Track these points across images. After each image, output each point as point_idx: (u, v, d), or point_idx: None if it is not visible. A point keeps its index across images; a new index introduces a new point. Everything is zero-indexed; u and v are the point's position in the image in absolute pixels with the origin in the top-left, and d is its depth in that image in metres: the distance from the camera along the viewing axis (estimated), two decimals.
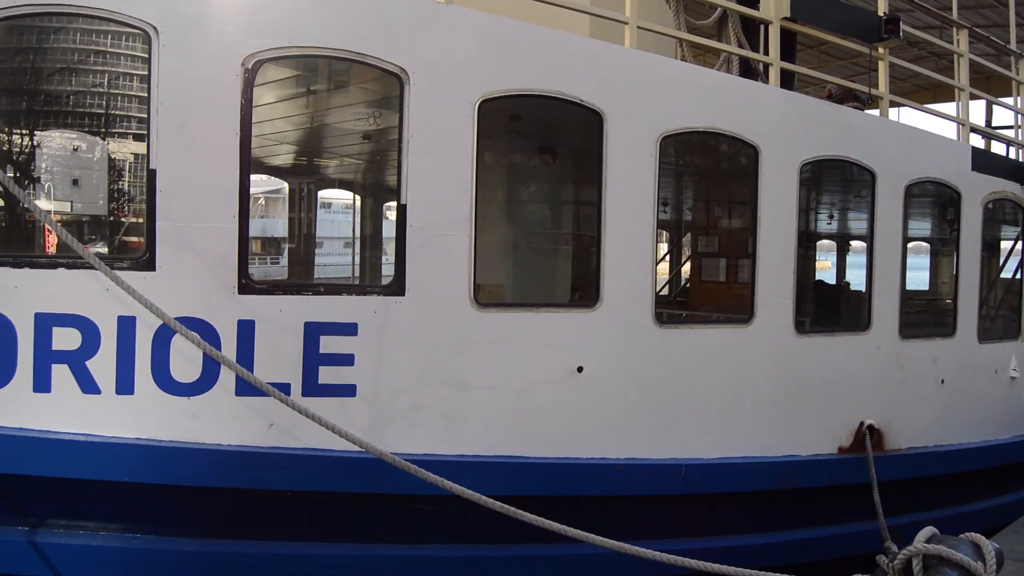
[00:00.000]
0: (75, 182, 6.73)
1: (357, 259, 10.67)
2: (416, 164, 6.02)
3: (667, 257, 15.04)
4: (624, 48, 7.16)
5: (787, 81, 8.48)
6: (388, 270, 7.66)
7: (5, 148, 6.14)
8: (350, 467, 5.75)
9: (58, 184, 6.73)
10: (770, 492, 7.44)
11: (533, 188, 10.26)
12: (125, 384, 5.57)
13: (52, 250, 6.83)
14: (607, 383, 6.75)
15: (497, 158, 8.65)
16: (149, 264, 5.55)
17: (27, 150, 6.40)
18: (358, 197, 11.12)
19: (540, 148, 9.25)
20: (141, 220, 6.29)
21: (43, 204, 6.77)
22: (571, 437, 6.59)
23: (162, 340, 5.55)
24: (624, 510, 6.61)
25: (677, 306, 12.32)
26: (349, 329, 5.85)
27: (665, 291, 14.58)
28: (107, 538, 5.66)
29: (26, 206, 5.54)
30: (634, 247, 6.88)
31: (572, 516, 5.22)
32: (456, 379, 6.09)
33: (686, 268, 14.30)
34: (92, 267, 5.47)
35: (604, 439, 6.72)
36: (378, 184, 10.93)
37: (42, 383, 5.50)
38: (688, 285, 13.14)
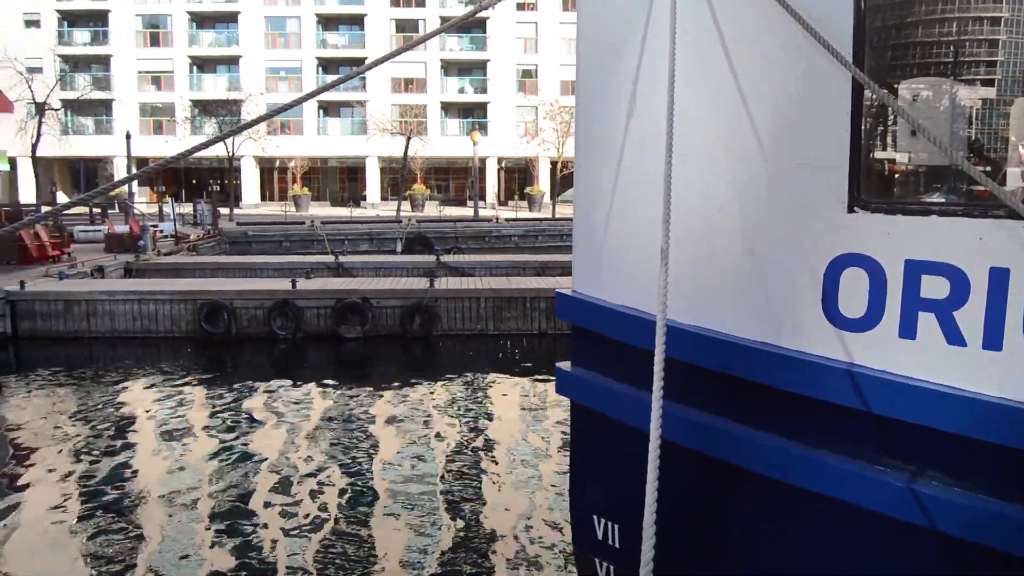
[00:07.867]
0: (916, 132, 6.59)
1: None
2: None
3: None
4: None
5: None
6: None
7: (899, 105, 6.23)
8: None
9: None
10: None
11: None
12: (993, 339, 5.30)
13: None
14: None
15: None
16: None
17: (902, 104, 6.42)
18: None
19: None
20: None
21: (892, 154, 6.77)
22: None
23: None
24: None
25: None
26: None
27: None
28: (951, 493, 5.45)
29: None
30: None
31: None
32: None
33: None
34: (963, 215, 5.34)
35: None
36: None
37: (907, 330, 5.55)
38: None
